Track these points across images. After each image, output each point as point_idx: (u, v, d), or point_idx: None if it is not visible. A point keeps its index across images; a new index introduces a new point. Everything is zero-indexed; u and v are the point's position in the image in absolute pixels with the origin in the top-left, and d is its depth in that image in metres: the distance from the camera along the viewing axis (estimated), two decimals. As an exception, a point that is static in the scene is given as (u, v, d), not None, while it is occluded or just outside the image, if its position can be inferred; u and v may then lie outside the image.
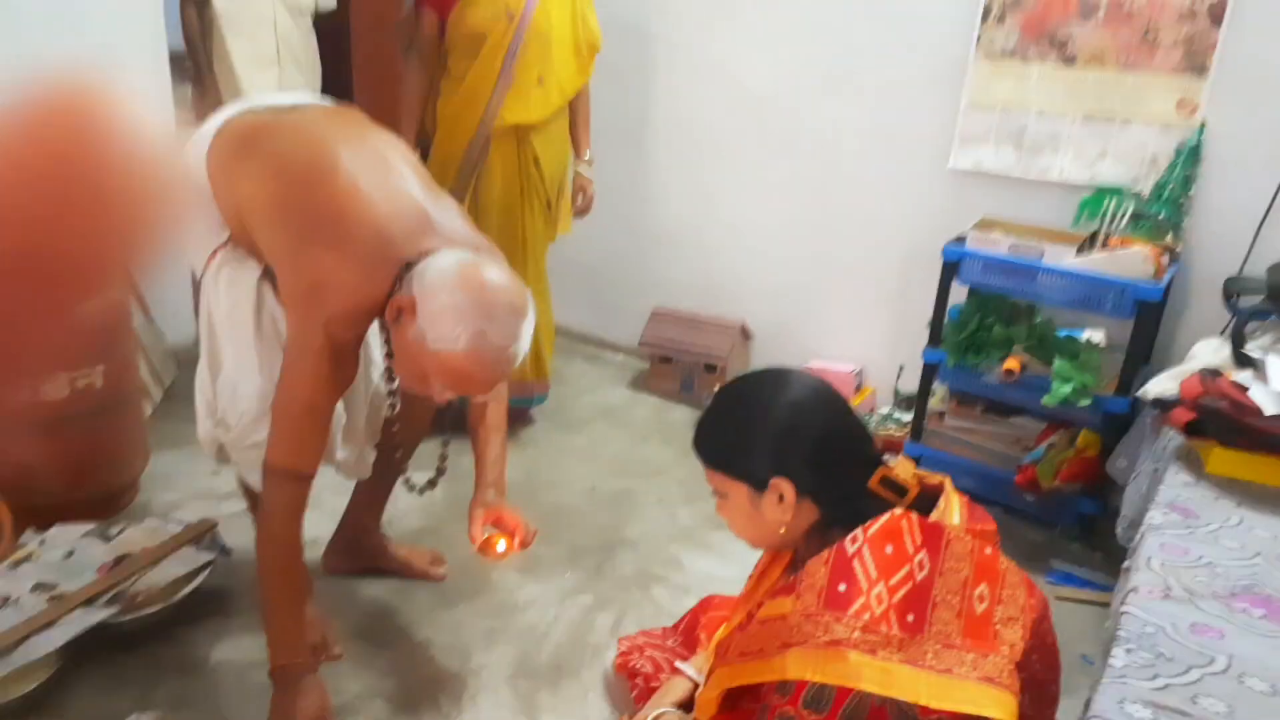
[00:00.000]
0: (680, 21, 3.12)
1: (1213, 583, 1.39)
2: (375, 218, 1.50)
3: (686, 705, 1.52)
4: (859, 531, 1.15)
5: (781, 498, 1.22)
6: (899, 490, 1.24)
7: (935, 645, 1.10)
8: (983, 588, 1.15)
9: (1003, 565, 1.19)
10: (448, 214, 1.60)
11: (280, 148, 1.61)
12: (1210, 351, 2.02)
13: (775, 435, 1.23)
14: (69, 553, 1.90)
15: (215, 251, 1.67)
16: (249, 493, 1.84)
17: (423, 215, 1.55)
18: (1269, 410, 1.69)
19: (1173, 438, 1.87)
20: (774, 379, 1.29)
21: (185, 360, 3.03)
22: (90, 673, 1.76)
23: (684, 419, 3.08)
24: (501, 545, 1.73)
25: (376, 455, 1.92)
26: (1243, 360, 1.90)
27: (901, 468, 1.28)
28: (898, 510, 1.17)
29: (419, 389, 1.53)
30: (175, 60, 2.96)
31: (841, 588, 1.12)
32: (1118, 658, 1.22)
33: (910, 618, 1.10)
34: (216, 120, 1.70)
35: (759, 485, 1.23)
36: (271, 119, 1.67)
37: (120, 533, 1.99)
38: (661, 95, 3.23)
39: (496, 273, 1.48)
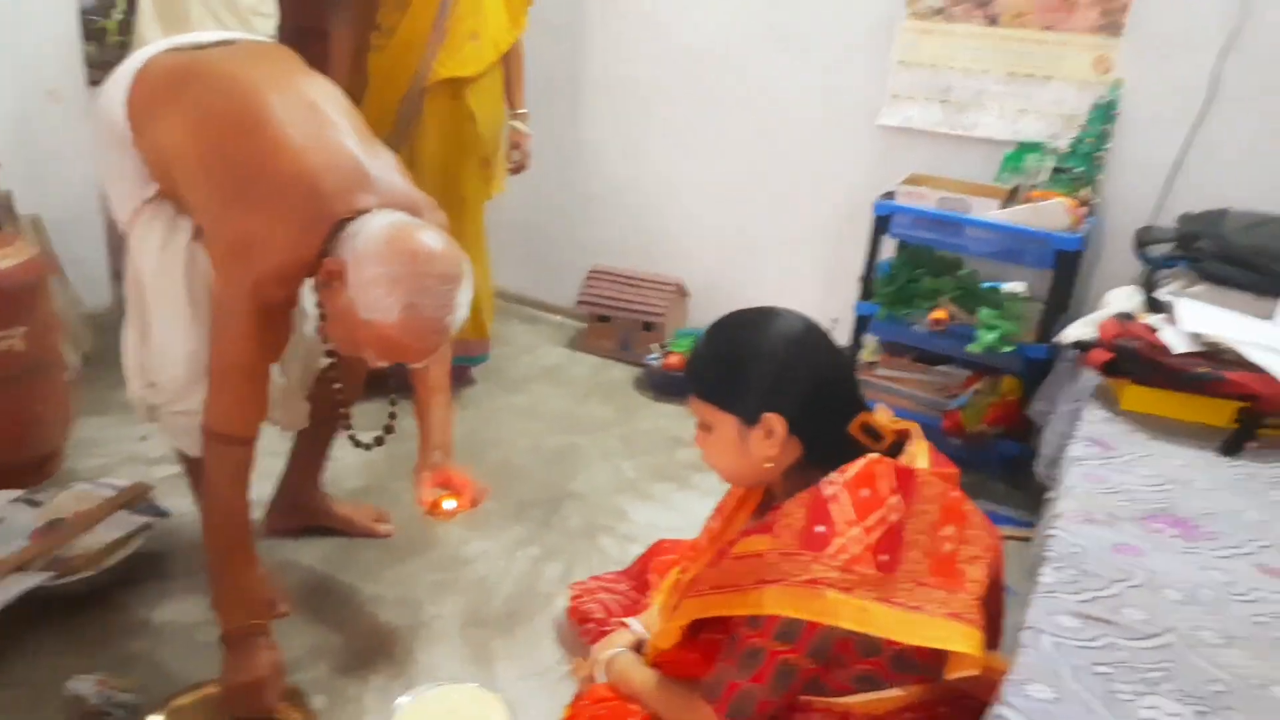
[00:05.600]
0: (612, -23, 3.11)
1: (1130, 507, 1.49)
2: (307, 172, 1.43)
3: (635, 649, 1.57)
4: (836, 475, 1.18)
5: (770, 433, 1.25)
6: (875, 436, 1.27)
7: (907, 584, 1.14)
8: (950, 528, 1.19)
9: (967, 507, 1.23)
10: (384, 168, 1.53)
11: (205, 96, 1.52)
12: (1124, 298, 2.13)
13: (772, 369, 1.25)
14: (-3, 519, 1.84)
15: (141, 207, 1.60)
16: (183, 455, 1.80)
17: (358, 169, 1.48)
18: (1177, 349, 1.80)
19: (1090, 378, 1.97)
20: (769, 314, 1.30)
21: (102, 325, 2.92)
22: (29, 639, 1.71)
23: (623, 377, 3.11)
24: (451, 504, 1.70)
25: (312, 409, 1.90)
26: (1154, 305, 2.02)
27: (881, 414, 1.31)
28: (873, 455, 1.21)
29: (353, 354, 1.49)
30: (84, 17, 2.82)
31: (819, 528, 1.16)
32: (1046, 575, 1.29)
33: (884, 558, 1.15)
34: (137, 59, 1.61)
35: (749, 419, 1.26)
36: (196, 60, 1.59)
37: (50, 498, 1.93)
38: (597, 51, 3.22)
39: (430, 238, 1.40)
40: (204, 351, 1.55)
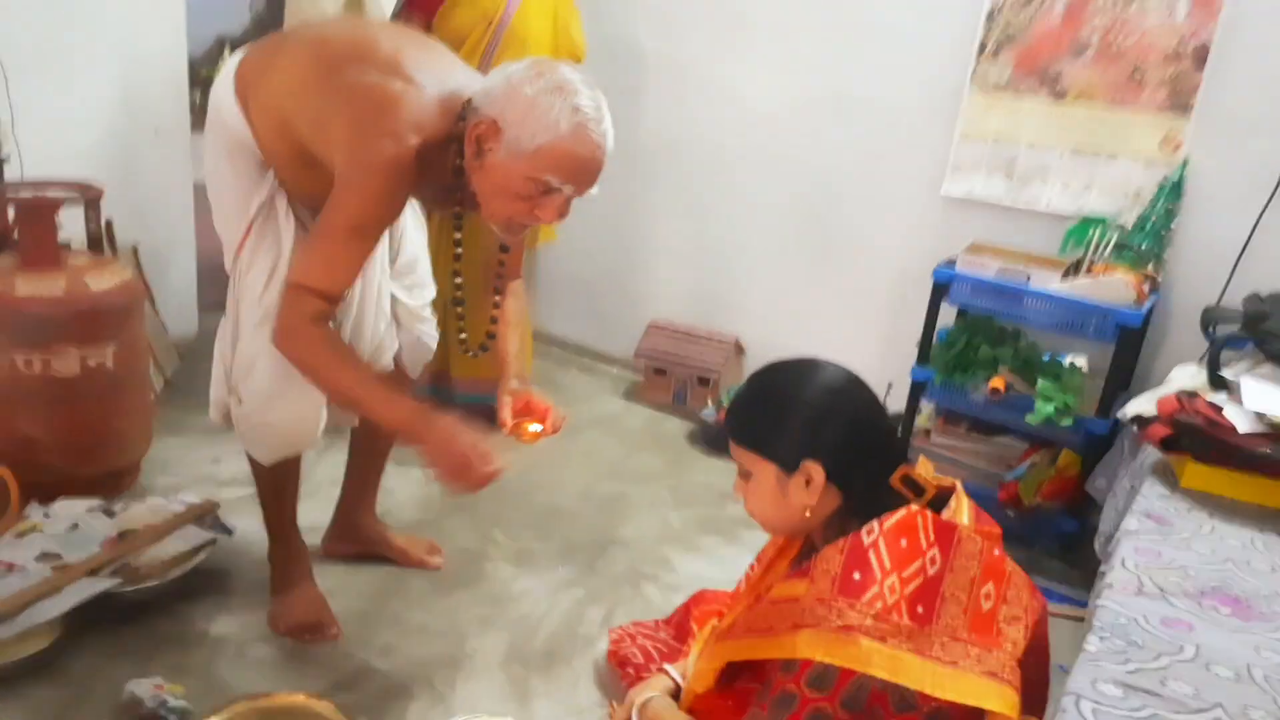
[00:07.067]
0: (676, 39, 3.21)
1: (1184, 582, 1.45)
2: (429, 67, 1.55)
3: (672, 696, 1.57)
4: (875, 524, 1.19)
5: (809, 481, 1.26)
6: (917, 489, 1.28)
7: (943, 638, 1.14)
8: (989, 586, 1.18)
9: (1009, 566, 1.22)
10: None
11: (315, 34, 1.66)
12: (1187, 376, 2.10)
13: (811, 417, 1.26)
14: (74, 526, 1.93)
15: (251, 224, 1.68)
16: (255, 470, 1.88)
17: (472, 76, 1.62)
18: (1242, 428, 1.77)
19: (1150, 454, 1.94)
20: (810, 364, 1.33)
21: (186, 352, 3.07)
22: (92, 640, 1.78)
23: (677, 430, 3.14)
24: (535, 427, 1.70)
25: (364, 435, 1.98)
26: (1218, 383, 1.98)
27: (923, 468, 1.32)
28: (914, 506, 1.21)
29: (524, 213, 1.52)
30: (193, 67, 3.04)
31: (856, 576, 1.16)
32: (1092, 644, 1.27)
33: (920, 609, 1.14)
34: (240, 52, 1.73)
35: (788, 466, 1.27)
36: (299, 26, 1.78)
37: (124, 509, 2.02)
38: (657, 112, 3.32)
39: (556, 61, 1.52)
40: (285, 371, 1.59)
